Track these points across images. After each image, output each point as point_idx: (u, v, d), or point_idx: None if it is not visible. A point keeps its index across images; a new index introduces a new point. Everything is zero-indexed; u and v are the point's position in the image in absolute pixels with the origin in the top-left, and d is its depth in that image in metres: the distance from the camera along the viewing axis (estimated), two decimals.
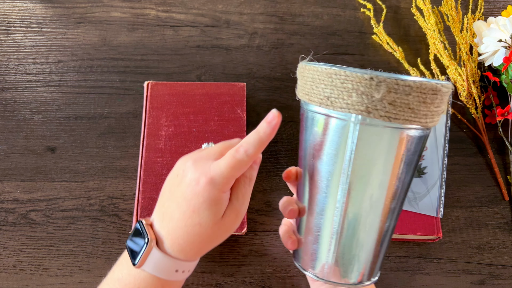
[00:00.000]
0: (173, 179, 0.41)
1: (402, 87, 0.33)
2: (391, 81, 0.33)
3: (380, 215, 0.38)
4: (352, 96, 0.34)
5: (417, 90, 0.33)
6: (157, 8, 0.71)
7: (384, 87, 0.33)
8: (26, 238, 0.56)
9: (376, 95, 0.33)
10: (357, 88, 0.34)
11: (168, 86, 0.62)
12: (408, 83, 0.33)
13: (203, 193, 0.37)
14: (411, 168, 0.38)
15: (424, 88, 0.34)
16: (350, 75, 0.34)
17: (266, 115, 0.38)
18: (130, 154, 0.61)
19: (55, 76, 0.66)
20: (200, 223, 0.37)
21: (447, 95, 0.36)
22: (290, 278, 0.55)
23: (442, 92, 0.35)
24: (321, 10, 0.73)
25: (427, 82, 0.34)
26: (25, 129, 0.62)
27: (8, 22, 0.69)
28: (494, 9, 0.74)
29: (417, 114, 0.34)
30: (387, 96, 0.33)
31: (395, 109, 0.34)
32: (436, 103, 0.35)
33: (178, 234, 0.38)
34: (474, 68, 0.66)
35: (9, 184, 0.59)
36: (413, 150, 0.37)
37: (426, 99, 0.34)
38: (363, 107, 0.34)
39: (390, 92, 0.33)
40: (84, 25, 0.69)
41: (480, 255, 0.58)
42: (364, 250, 0.39)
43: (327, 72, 0.35)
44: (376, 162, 0.36)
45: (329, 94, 0.35)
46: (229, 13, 0.72)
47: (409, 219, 0.57)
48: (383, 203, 0.38)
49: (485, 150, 0.64)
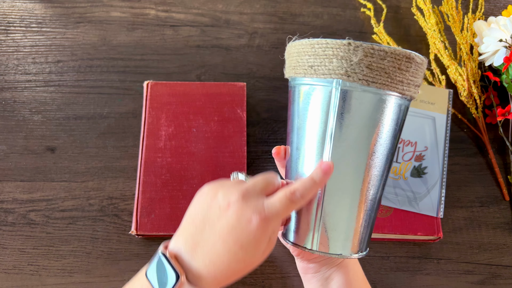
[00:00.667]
0: (211, 209, 0.38)
1: (377, 51, 0.36)
2: (367, 46, 0.36)
3: (362, 180, 0.40)
4: (333, 62, 0.37)
5: (391, 55, 0.37)
6: (157, 8, 0.71)
7: (361, 51, 0.36)
8: (26, 238, 0.56)
9: (354, 58, 0.37)
10: (337, 54, 0.37)
11: (168, 86, 0.62)
12: (383, 48, 0.37)
13: (256, 232, 0.36)
14: (390, 136, 0.40)
15: (398, 54, 0.37)
16: (331, 42, 0.38)
17: (266, 115, 0.39)
18: (130, 154, 0.61)
19: (55, 76, 0.65)
20: (245, 259, 0.36)
21: (422, 65, 0.39)
22: (290, 278, 0.55)
23: (415, 61, 0.38)
24: (321, 10, 0.73)
25: (401, 49, 0.37)
26: (24, 129, 0.62)
27: (7, 22, 0.69)
28: (495, 9, 0.74)
29: (393, 79, 0.37)
30: (364, 60, 0.37)
31: (372, 73, 0.37)
32: (411, 71, 0.38)
33: (219, 269, 0.36)
34: (474, 68, 0.66)
35: (8, 184, 0.59)
36: (392, 118, 0.39)
37: (401, 65, 0.37)
38: (343, 71, 0.37)
39: (367, 56, 0.36)
40: (84, 25, 0.69)
41: (481, 255, 0.58)
42: (348, 216, 0.40)
43: (310, 43, 0.40)
44: (357, 125, 0.38)
45: (313, 63, 0.39)
46: (229, 13, 0.72)
47: (409, 219, 0.56)
48: (364, 168, 0.39)
49: (485, 150, 0.64)
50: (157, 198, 0.56)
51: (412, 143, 0.60)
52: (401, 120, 0.41)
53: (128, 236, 0.57)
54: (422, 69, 0.40)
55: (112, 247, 0.56)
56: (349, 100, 0.38)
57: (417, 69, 0.39)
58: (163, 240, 0.56)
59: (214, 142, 0.60)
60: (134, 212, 0.56)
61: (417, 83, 0.40)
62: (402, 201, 0.57)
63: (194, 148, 0.59)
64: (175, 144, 0.59)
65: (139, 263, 0.55)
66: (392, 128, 0.40)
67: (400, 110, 0.40)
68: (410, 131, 0.60)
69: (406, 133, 0.60)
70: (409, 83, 0.39)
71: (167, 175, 0.57)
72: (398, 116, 0.40)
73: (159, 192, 0.57)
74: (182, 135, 0.60)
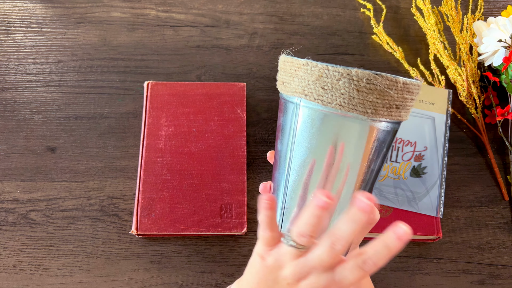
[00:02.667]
0: (278, 284, 0.37)
1: (332, 72, 0.36)
2: (322, 67, 0.36)
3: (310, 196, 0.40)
4: (295, 80, 0.38)
5: (347, 76, 0.36)
6: (157, 8, 0.71)
7: (316, 71, 0.36)
8: (26, 238, 0.56)
9: (310, 78, 0.37)
10: (298, 73, 0.38)
11: (168, 86, 0.62)
12: (338, 70, 0.36)
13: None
14: (350, 159, 0.38)
15: (354, 75, 0.35)
16: (295, 62, 0.38)
17: (266, 115, 0.39)
18: (130, 154, 0.61)
19: (55, 76, 0.66)
20: None
21: (393, 87, 0.36)
22: None
23: (383, 83, 0.35)
24: (321, 10, 0.73)
25: (357, 70, 0.35)
26: (25, 129, 0.62)
27: (8, 22, 0.69)
28: (494, 9, 0.74)
29: (350, 101, 0.36)
30: (319, 80, 0.36)
31: (326, 93, 0.36)
32: (376, 93, 0.36)
33: None
34: (474, 68, 0.66)
35: (9, 184, 0.59)
36: (353, 140, 0.37)
37: (360, 87, 0.36)
38: (301, 89, 0.38)
39: (322, 76, 0.36)
40: (84, 25, 0.69)
41: (480, 255, 0.58)
42: None
43: (284, 60, 0.40)
44: (311, 143, 0.38)
45: (284, 79, 0.40)
46: (229, 13, 0.72)
47: (409, 219, 0.57)
48: (314, 186, 0.39)
49: (485, 150, 0.64)
50: (157, 198, 0.56)
51: (411, 143, 0.60)
52: (365, 142, 0.38)
53: (128, 236, 0.57)
54: (397, 90, 0.36)
55: (112, 247, 0.56)
56: (306, 118, 0.38)
57: (383, 92, 0.36)
58: (163, 240, 0.56)
59: (214, 142, 0.60)
60: (135, 212, 0.56)
61: (388, 105, 0.37)
62: (401, 201, 0.57)
63: (194, 148, 0.59)
64: (175, 144, 0.59)
65: (139, 263, 0.55)
66: (353, 151, 0.38)
67: (363, 131, 0.38)
68: (409, 131, 0.60)
69: (406, 133, 0.60)
70: (374, 105, 0.36)
71: (167, 175, 0.58)
72: (360, 138, 0.38)
73: (159, 192, 0.57)
74: (182, 135, 0.60)
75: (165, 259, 0.56)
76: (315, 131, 0.38)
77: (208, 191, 0.57)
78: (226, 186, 0.58)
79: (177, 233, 0.56)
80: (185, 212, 0.56)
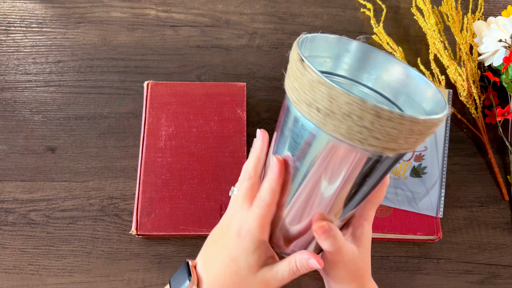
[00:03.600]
0: (218, 231, 0.43)
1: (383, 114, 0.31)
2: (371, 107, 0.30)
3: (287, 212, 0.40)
4: (332, 115, 0.32)
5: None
6: (157, 8, 0.71)
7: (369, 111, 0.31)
8: (26, 238, 0.56)
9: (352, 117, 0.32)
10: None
11: (168, 86, 0.62)
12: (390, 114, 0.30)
13: (243, 243, 0.39)
14: (318, 180, 0.36)
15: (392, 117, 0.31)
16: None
17: (266, 115, 0.39)
18: (130, 154, 0.61)
19: (55, 76, 0.66)
20: (237, 272, 0.39)
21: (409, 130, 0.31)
22: None
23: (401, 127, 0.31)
24: (321, 10, 0.73)
25: (394, 113, 0.30)
26: (25, 129, 0.62)
27: (8, 22, 0.69)
28: (494, 9, 0.74)
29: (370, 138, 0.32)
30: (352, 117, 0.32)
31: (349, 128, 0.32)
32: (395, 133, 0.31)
33: (216, 280, 0.40)
34: (474, 68, 0.66)
35: (9, 184, 0.59)
36: (337, 162, 0.35)
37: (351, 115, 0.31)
38: (333, 127, 0.33)
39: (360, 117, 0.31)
40: (84, 25, 0.69)
41: (480, 255, 0.58)
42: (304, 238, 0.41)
43: (317, 81, 0.33)
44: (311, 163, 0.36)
45: (309, 101, 0.35)
46: (229, 13, 0.72)
47: (409, 219, 0.57)
48: (287, 204, 0.39)
49: (485, 150, 0.64)
50: (157, 198, 0.56)
51: None
52: (349, 169, 0.35)
53: (128, 236, 0.57)
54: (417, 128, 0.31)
55: (112, 247, 0.56)
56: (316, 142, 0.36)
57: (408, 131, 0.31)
58: (163, 240, 0.56)
59: (214, 142, 0.60)
60: (134, 212, 0.56)
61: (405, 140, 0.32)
62: (401, 201, 0.57)
63: (194, 148, 0.59)
64: (175, 144, 0.59)
65: (139, 263, 0.55)
66: (331, 173, 0.35)
67: (354, 160, 0.34)
68: None
69: None
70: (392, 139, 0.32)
71: (167, 175, 0.58)
72: (345, 163, 0.34)
73: (159, 192, 0.57)
74: (182, 135, 0.60)
75: (165, 259, 0.56)
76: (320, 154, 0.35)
77: (208, 191, 0.57)
78: (226, 186, 0.58)
79: (177, 233, 0.56)
80: (185, 212, 0.56)
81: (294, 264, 0.39)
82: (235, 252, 0.39)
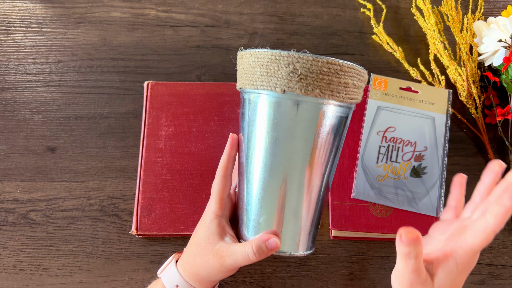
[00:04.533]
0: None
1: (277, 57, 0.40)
2: (268, 53, 0.40)
3: (262, 173, 0.43)
4: (243, 75, 0.45)
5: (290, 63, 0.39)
6: (157, 8, 0.71)
7: (264, 58, 0.40)
8: (26, 238, 0.56)
9: (257, 66, 0.42)
10: (242, 64, 0.45)
11: (168, 86, 0.62)
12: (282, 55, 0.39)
13: (203, 218, 0.45)
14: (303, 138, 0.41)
15: (295, 63, 0.39)
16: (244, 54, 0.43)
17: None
18: (130, 154, 0.61)
19: (55, 76, 0.66)
20: (198, 242, 0.44)
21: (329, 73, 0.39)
22: (290, 278, 0.55)
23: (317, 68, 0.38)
24: (321, 10, 0.73)
25: (300, 55, 0.38)
26: (25, 129, 0.62)
27: (8, 22, 0.69)
28: (494, 9, 0.74)
29: (296, 84, 0.40)
30: (266, 67, 0.41)
31: (270, 79, 0.41)
32: (320, 77, 0.39)
33: (186, 253, 0.46)
34: (474, 68, 0.66)
35: (9, 184, 0.59)
36: (304, 122, 0.41)
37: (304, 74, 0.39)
38: (246, 81, 0.44)
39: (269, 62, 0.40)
40: (84, 25, 0.69)
41: (480, 255, 0.58)
42: (293, 217, 0.43)
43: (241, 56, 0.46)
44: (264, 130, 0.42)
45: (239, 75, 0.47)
46: (229, 13, 0.72)
47: (409, 219, 0.57)
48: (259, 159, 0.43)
49: (485, 150, 0.64)
50: (157, 198, 0.56)
51: (411, 143, 0.60)
52: (317, 123, 0.41)
53: (128, 236, 0.57)
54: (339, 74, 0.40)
55: (112, 247, 0.56)
56: (257, 106, 0.43)
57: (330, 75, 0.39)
58: (163, 240, 0.56)
59: (214, 142, 0.60)
60: (134, 212, 0.56)
61: (334, 87, 0.40)
62: (401, 201, 0.57)
63: (194, 148, 0.59)
64: (175, 144, 0.59)
65: (139, 263, 0.55)
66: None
67: (314, 113, 0.41)
68: (409, 131, 0.60)
69: (406, 133, 0.60)
70: (321, 87, 0.40)
71: (167, 175, 0.58)
72: (312, 120, 0.41)
73: (159, 192, 0.57)
74: (182, 135, 0.60)
75: (165, 259, 0.56)
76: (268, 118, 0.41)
77: (208, 191, 0.57)
78: None
79: (177, 233, 0.56)
80: (185, 212, 0.56)
81: (251, 248, 0.40)
82: (199, 227, 0.46)
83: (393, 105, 0.61)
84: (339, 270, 0.57)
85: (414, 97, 0.62)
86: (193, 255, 0.45)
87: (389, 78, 0.63)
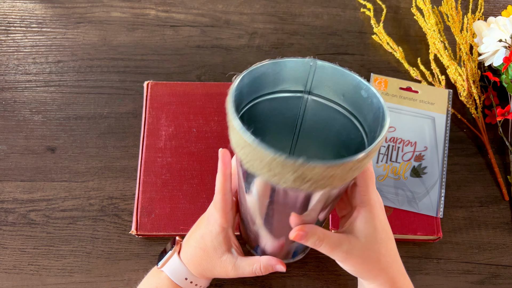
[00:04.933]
0: (200, 218, 0.49)
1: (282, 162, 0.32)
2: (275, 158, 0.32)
3: None
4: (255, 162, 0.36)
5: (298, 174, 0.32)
6: (157, 8, 0.71)
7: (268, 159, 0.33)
8: (26, 238, 0.56)
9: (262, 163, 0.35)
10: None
11: (168, 86, 0.62)
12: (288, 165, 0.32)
13: (210, 225, 0.45)
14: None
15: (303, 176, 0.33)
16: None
17: None
18: (130, 154, 0.61)
19: (55, 76, 0.66)
20: (205, 248, 0.45)
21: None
22: (290, 278, 0.55)
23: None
24: (321, 10, 0.73)
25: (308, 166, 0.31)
26: (25, 129, 0.62)
27: (8, 22, 0.69)
28: (494, 9, 0.74)
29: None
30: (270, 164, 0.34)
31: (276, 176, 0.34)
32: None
33: (189, 251, 0.47)
34: (474, 68, 0.66)
35: (9, 184, 0.59)
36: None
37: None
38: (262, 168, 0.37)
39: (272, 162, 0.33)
40: (84, 25, 0.69)
41: (480, 255, 0.58)
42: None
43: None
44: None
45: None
46: (229, 13, 0.72)
47: (409, 219, 0.57)
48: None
49: (485, 150, 0.64)
50: (157, 198, 0.56)
51: (411, 143, 0.60)
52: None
53: (128, 236, 0.57)
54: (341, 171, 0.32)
55: (112, 247, 0.56)
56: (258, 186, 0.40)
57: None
58: (163, 240, 0.56)
59: (214, 142, 0.60)
60: (134, 212, 0.56)
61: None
62: (401, 201, 0.57)
63: (194, 148, 0.59)
64: (175, 144, 0.59)
65: (139, 263, 0.55)
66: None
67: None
68: (409, 131, 0.60)
69: (406, 133, 0.60)
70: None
71: (167, 175, 0.58)
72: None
73: (159, 192, 0.57)
74: (182, 135, 0.60)
75: None
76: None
77: (208, 191, 0.57)
78: None
79: (177, 233, 0.56)
80: (185, 212, 0.56)
81: (259, 268, 0.46)
82: (205, 232, 0.45)
83: (393, 105, 0.61)
84: (339, 270, 0.57)
85: (414, 97, 0.62)
86: (199, 258, 0.46)
87: (389, 78, 0.63)
